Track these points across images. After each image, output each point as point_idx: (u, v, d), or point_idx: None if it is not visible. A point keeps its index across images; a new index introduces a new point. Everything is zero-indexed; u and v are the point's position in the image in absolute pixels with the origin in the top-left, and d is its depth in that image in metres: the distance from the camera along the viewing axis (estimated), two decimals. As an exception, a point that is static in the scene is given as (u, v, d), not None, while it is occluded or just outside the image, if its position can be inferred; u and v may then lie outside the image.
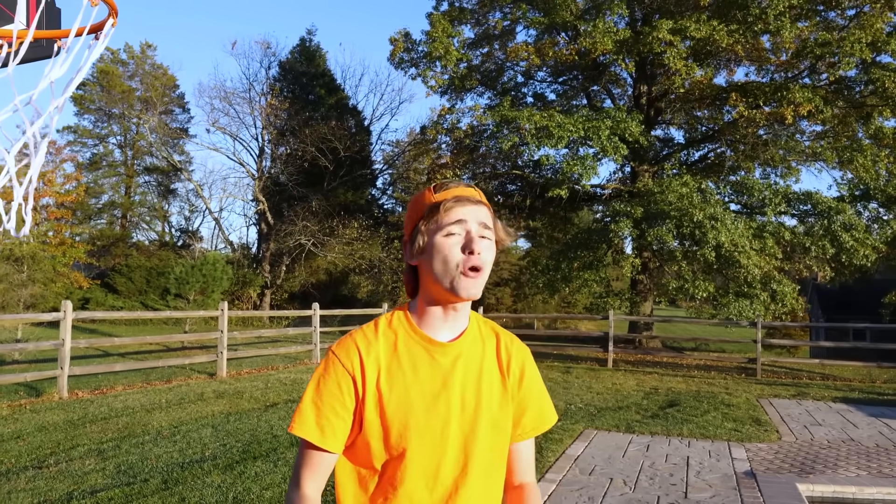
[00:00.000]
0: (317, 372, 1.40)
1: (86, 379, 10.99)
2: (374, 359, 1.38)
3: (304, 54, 36.87)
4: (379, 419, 1.35)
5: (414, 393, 1.36)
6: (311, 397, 1.37)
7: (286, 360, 14.82)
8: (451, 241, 1.34)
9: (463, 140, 22.91)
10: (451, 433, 1.36)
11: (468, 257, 1.32)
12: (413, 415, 1.35)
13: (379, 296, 30.85)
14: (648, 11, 21.15)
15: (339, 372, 1.37)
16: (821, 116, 18.50)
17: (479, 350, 1.45)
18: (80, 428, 7.34)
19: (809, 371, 15.31)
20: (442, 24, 21.39)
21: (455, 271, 1.32)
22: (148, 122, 36.27)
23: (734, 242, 16.75)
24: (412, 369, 1.38)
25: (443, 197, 1.36)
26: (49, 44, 2.48)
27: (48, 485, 5.20)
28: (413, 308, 1.45)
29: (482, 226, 1.35)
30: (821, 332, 24.83)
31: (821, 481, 5.75)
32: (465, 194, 1.37)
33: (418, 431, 1.34)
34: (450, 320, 1.41)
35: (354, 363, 1.37)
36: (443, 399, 1.37)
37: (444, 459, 1.36)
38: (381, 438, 1.35)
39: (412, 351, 1.40)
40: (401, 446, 1.34)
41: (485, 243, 1.35)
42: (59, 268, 30.04)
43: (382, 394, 1.35)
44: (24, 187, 2.47)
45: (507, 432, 1.44)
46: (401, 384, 1.36)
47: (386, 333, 1.42)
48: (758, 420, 8.55)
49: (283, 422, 7.77)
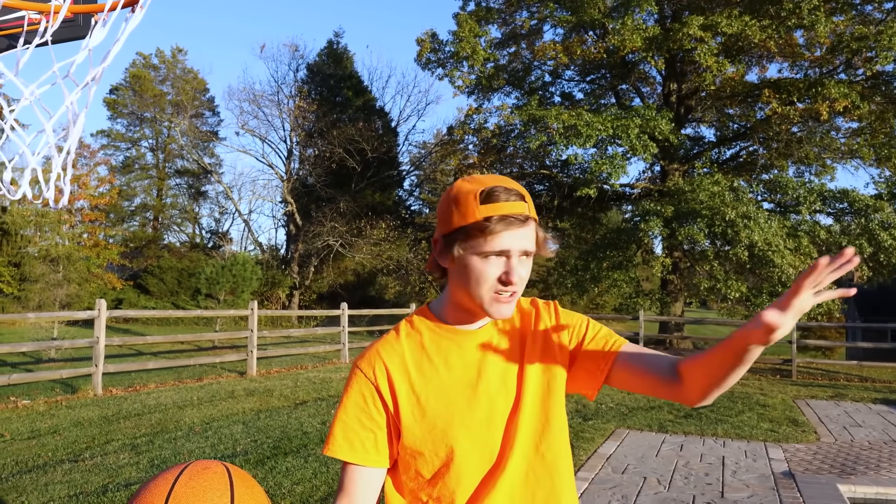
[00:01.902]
0: (344, 388, 1.37)
1: (119, 377, 11.12)
2: (399, 363, 1.34)
3: (331, 56, 37.09)
4: (420, 422, 1.30)
5: (451, 387, 1.32)
6: (338, 415, 1.34)
7: (315, 360, 14.87)
8: (488, 267, 1.26)
9: (490, 140, 22.83)
10: (497, 419, 1.31)
11: (504, 287, 1.27)
12: (456, 409, 1.30)
13: (406, 297, 30.88)
14: (678, 8, 20.88)
15: (363, 383, 1.33)
16: (857, 112, 18.11)
17: (510, 328, 1.39)
18: (115, 424, 7.43)
19: (846, 373, 14.94)
20: (469, 23, 21.35)
21: (488, 295, 1.27)
22: (179, 126, 36.73)
23: (768, 241, 16.44)
24: (444, 364, 1.33)
25: (489, 213, 1.24)
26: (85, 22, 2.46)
27: (84, 477, 5.26)
28: (437, 303, 1.41)
29: (524, 252, 1.28)
30: (857, 333, 24.30)
31: (863, 482, 5.56)
32: (514, 212, 1.25)
33: (464, 425, 1.29)
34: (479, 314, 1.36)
35: (378, 372, 1.33)
36: (482, 387, 1.32)
37: (497, 448, 1.30)
38: (426, 442, 1.30)
39: (440, 346, 1.35)
40: (448, 444, 1.29)
41: (523, 266, 1.30)
42: (94, 269, 30.61)
43: (419, 395, 1.31)
44: (63, 158, 2.47)
45: (561, 404, 1.36)
46: (435, 381, 1.32)
47: (410, 335, 1.38)
48: (795, 421, 8.34)
49: (313, 419, 7.77)
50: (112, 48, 2.38)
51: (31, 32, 2.48)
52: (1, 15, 2.41)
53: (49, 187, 2.48)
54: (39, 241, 30.03)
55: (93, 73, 2.40)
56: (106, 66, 2.40)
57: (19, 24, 2.48)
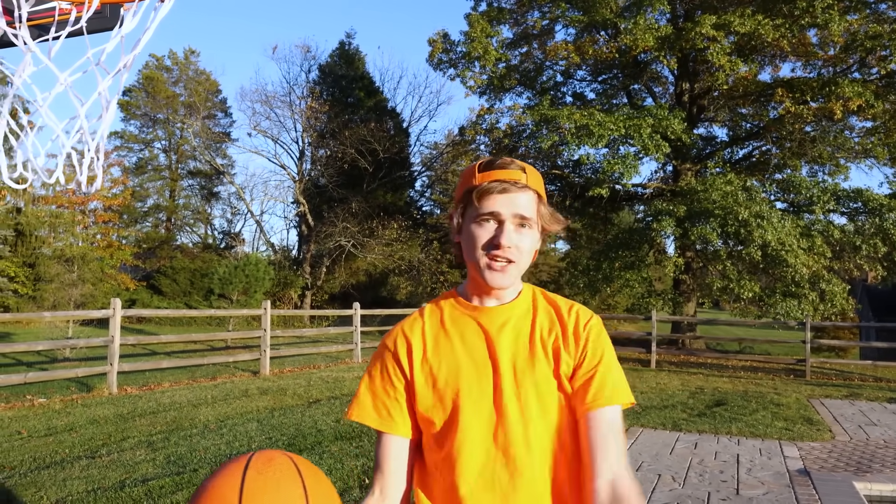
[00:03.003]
0: (371, 361, 1.47)
1: (134, 375, 11.20)
2: (419, 336, 1.42)
3: (343, 57, 37.19)
4: (431, 389, 1.37)
5: (463, 359, 1.37)
6: (365, 384, 1.43)
7: (328, 359, 14.94)
8: (482, 231, 1.33)
9: (502, 140, 22.83)
10: (505, 398, 1.33)
11: (493, 252, 1.32)
12: (464, 379, 1.35)
13: (418, 297, 30.94)
14: (690, 7, 20.82)
15: (386, 355, 1.43)
16: (871, 111, 18.00)
17: (531, 318, 1.42)
18: (130, 421, 7.49)
19: (861, 373, 14.86)
20: (480, 24, 21.36)
21: (483, 259, 1.33)
22: (191, 127, 36.92)
23: (781, 241, 16.37)
24: (460, 338, 1.40)
25: (484, 179, 1.34)
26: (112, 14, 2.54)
27: (101, 473, 5.32)
28: (463, 283, 1.47)
29: (518, 217, 1.33)
30: (871, 334, 24.14)
31: (879, 480, 5.56)
32: (509, 178, 1.33)
33: (470, 395, 1.34)
34: (496, 292, 1.40)
35: (399, 344, 1.43)
36: (492, 363, 1.36)
37: (501, 426, 1.33)
38: (437, 410, 1.36)
39: (459, 321, 1.42)
40: (454, 414, 1.34)
41: (520, 235, 1.34)
42: (107, 269, 30.79)
43: (432, 365, 1.39)
44: (96, 142, 2.55)
45: (563, 403, 1.35)
46: (449, 353, 1.39)
47: (433, 311, 1.47)
48: (809, 419, 8.32)
49: (327, 417, 7.81)
50: (142, 36, 2.48)
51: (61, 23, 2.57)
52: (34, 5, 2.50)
53: (83, 171, 2.55)
54: (54, 241, 30.24)
55: (124, 61, 2.49)
56: (136, 54, 2.49)
57: (50, 14, 2.57)
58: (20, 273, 27.88)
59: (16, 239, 28.45)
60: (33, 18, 2.65)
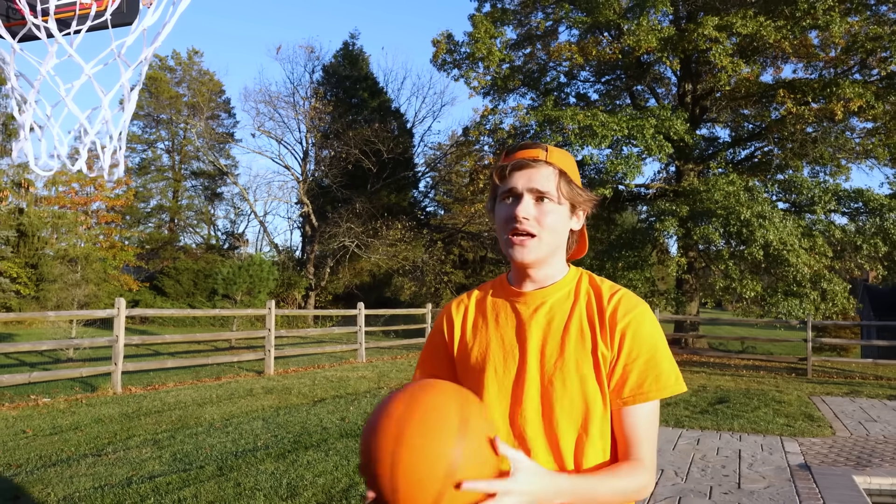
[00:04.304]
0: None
1: (138, 375, 11.24)
2: (461, 312, 1.55)
3: (347, 58, 37.30)
4: (465, 365, 1.48)
5: (494, 339, 1.45)
6: (423, 351, 1.62)
7: (332, 359, 14.99)
8: (501, 208, 1.40)
9: (506, 141, 22.91)
10: (528, 381, 1.37)
11: (513, 225, 1.37)
12: (490, 361, 1.43)
13: (422, 297, 31.03)
14: (693, 8, 20.92)
15: (436, 327, 1.60)
16: (872, 112, 18.08)
17: (570, 303, 1.42)
18: (135, 420, 7.53)
19: (862, 371, 14.99)
20: (484, 25, 21.46)
21: (504, 235, 1.39)
22: (195, 128, 37.06)
23: (783, 241, 16.48)
24: (494, 320, 1.48)
25: (506, 161, 1.41)
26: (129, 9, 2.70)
27: (108, 470, 5.38)
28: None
29: (534, 191, 1.36)
30: (872, 332, 24.23)
31: (878, 474, 5.69)
32: (528, 156, 1.38)
33: (495, 376, 1.41)
34: (529, 275, 1.44)
35: (446, 320, 1.56)
36: (520, 346, 1.41)
37: (520, 409, 1.37)
38: (467, 385, 1.44)
39: (496, 303, 1.50)
40: (479, 392, 1.41)
41: (540, 209, 1.37)
42: (110, 270, 30.79)
43: (468, 344, 1.49)
44: (119, 131, 2.71)
45: (594, 392, 1.35)
46: (482, 334, 1.48)
47: (483, 289, 1.57)
48: (810, 416, 8.45)
49: (332, 415, 7.89)
50: (162, 30, 2.65)
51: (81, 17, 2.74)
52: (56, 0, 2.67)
53: (105, 159, 2.70)
54: (57, 242, 30.23)
55: (145, 53, 2.67)
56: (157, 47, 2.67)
57: (71, 8, 2.73)
58: (22, 274, 27.73)
59: (18, 239, 28.33)
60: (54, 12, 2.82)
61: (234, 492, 4.85)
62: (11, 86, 2.67)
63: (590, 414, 1.34)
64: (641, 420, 1.34)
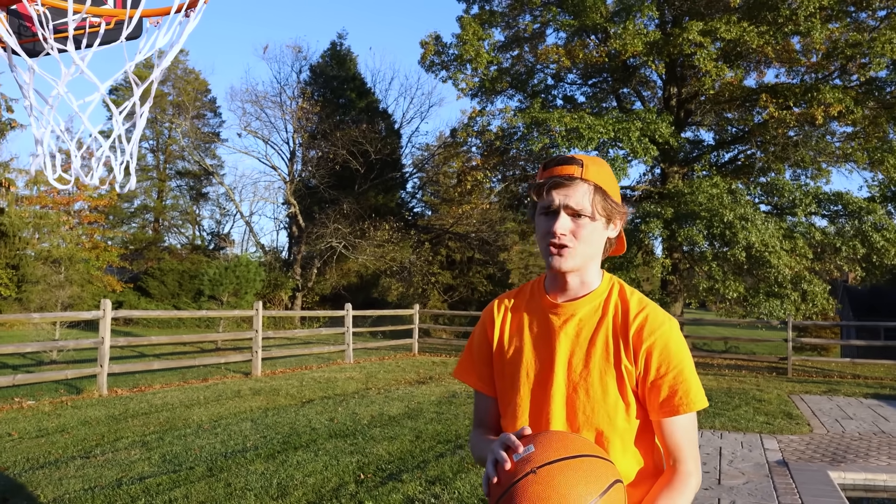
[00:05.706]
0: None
1: (124, 377, 11.17)
2: (503, 315, 1.63)
3: (334, 58, 37.24)
4: (502, 366, 1.60)
5: (527, 344, 1.55)
6: (467, 348, 1.71)
7: (320, 360, 14.97)
8: (542, 222, 1.48)
9: (493, 142, 23.08)
10: (555, 387, 1.47)
11: (550, 240, 1.45)
12: (523, 367, 1.53)
13: (409, 298, 31.07)
14: (678, 13, 21.19)
15: (479, 328, 1.68)
16: (851, 117, 18.43)
17: (598, 317, 1.51)
18: (123, 422, 7.52)
19: (840, 370, 15.30)
20: (472, 26, 21.60)
21: (543, 247, 1.48)
22: (180, 127, 36.83)
23: (764, 243, 16.76)
24: (528, 327, 1.57)
25: (543, 176, 1.48)
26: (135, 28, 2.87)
27: (97, 472, 5.40)
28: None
29: (569, 209, 1.43)
30: (851, 333, 24.68)
31: (852, 469, 5.91)
32: (563, 172, 1.45)
33: (527, 382, 1.51)
34: (564, 283, 1.53)
35: (488, 320, 1.65)
36: (549, 356, 1.50)
37: (544, 417, 1.47)
38: (502, 384, 1.59)
39: (532, 310, 1.58)
40: (514, 393, 1.53)
41: (576, 224, 1.45)
42: (93, 271, 30.43)
43: (505, 345, 1.59)
44: (131, 145, 2.87)
45: (615, 401, 1.44)
46: (517, 339, 1.57)
47: (521, 293, 1.65)
48: (789, 414, 8.69)
49: (321, 416, 7.96)
50: (170, 51, 2.83)
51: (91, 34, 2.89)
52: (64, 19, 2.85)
53: (119, 170, 2.86)
54: (38, 242, 29.79)
55: (156, 72, 2.84)
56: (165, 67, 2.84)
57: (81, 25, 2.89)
58: (3, 275, 27.10)
59: (-2, 240, 27.76)
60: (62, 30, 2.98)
61: (225, 492, 4.93)
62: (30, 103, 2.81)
63: (611, 421, 1.43)
64: (679, 430, 1.45)
